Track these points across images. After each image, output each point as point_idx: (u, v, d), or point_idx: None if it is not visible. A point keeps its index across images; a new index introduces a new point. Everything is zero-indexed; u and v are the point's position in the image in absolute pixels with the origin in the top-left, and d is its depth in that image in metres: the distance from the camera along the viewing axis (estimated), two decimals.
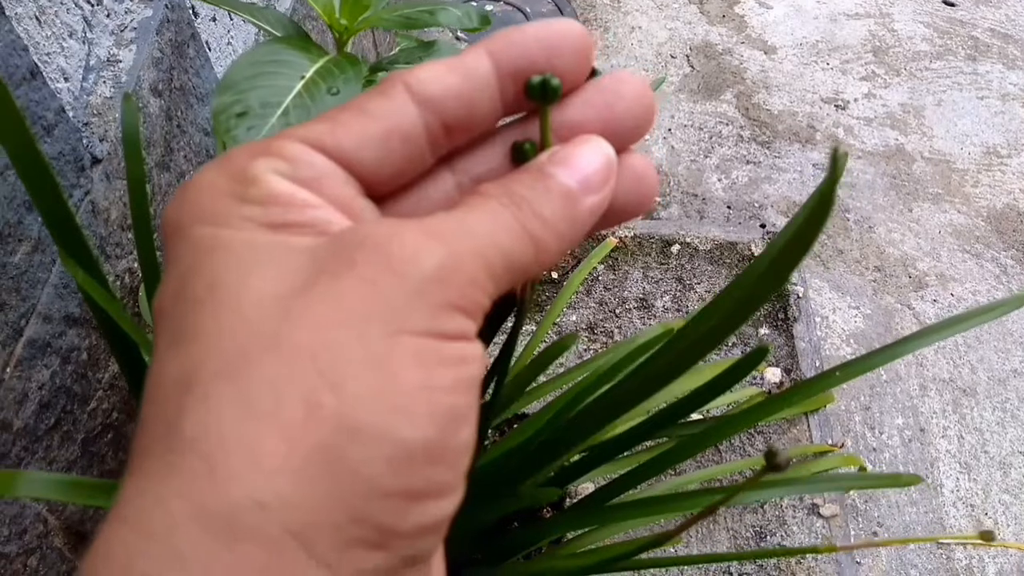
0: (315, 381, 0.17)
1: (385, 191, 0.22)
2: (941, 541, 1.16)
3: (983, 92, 2.07)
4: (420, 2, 0.57)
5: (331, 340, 0.17)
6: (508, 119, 0.25)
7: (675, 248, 1.08)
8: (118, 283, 0.73)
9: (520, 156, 0.23)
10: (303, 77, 0.52)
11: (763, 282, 0.32)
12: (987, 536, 0.43)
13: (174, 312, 0.19)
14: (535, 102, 0.23)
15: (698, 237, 1.09)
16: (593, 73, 0.24)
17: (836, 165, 0.22)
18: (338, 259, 0.19)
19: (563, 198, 0.22)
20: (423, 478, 0.18)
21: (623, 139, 0.24)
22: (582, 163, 0.22)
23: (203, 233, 0.19)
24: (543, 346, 0.97)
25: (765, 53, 2.14)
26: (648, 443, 0.74)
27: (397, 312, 0.18)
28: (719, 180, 1.79)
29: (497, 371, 0.50)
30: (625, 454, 0.69)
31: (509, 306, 0.33)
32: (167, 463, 0.17)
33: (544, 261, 0.21)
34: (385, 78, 0.23)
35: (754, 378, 0.93)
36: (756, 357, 0.46)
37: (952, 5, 2.37)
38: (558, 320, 0.96)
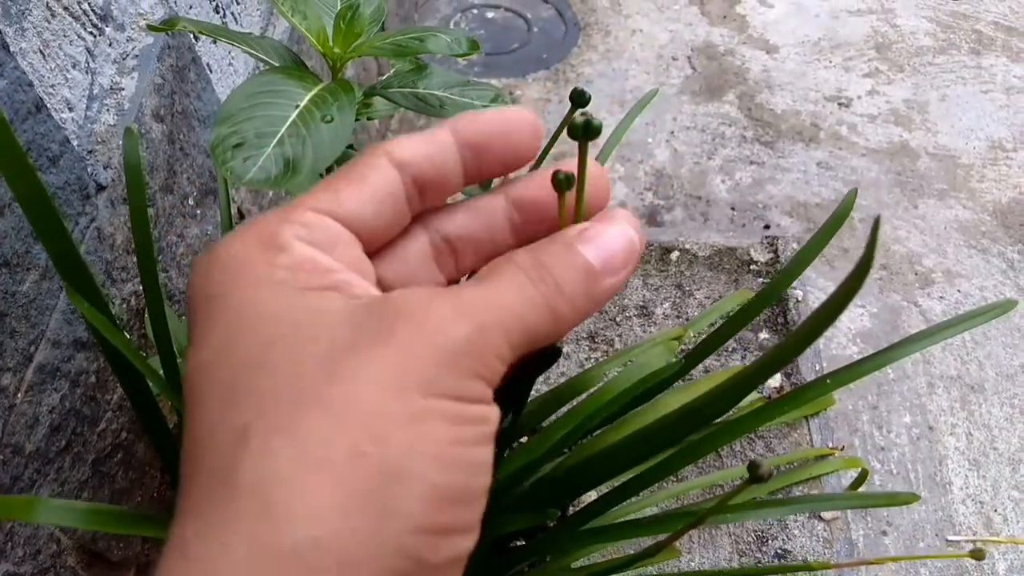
0: (361, 434, 0.19)
1: (377, 247, 0.26)
2: (947, 544, 1.17)
3: (987, 86, 2.06)
4: (411, 29, 0.58)
5: (375, 399, 0.20)
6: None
7: (674, 255, 1.09)
8: (124, 306, 0.74)
9: (557, 185, 0.25)
10: (298, 106, 0.53)
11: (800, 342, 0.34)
12: (978, 555, 0.43)
13: (222, 371, 0.21)
14: (578, 139, 0.26)
15: (697, 243, 1.09)
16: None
17: (875, 232, 0.23)
18: (380, 326, 0.21)
19: (585, 275, 0.24)
20: (452, 516, 0.20)
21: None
22: (607, 243, 0.25)
23: (244, 297, 0.22)
24: None
25: (767, 52, 2.14)
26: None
27: (431, 378, 0.20)
28: (723, 182, 1.80)
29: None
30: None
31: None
32: (229, 509, 0.19)
33: (560, 332, 0.24)
34: (368, 149, 0.26)
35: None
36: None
37: None
38: None
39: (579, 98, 0.57)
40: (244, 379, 0.20)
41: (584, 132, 0.25)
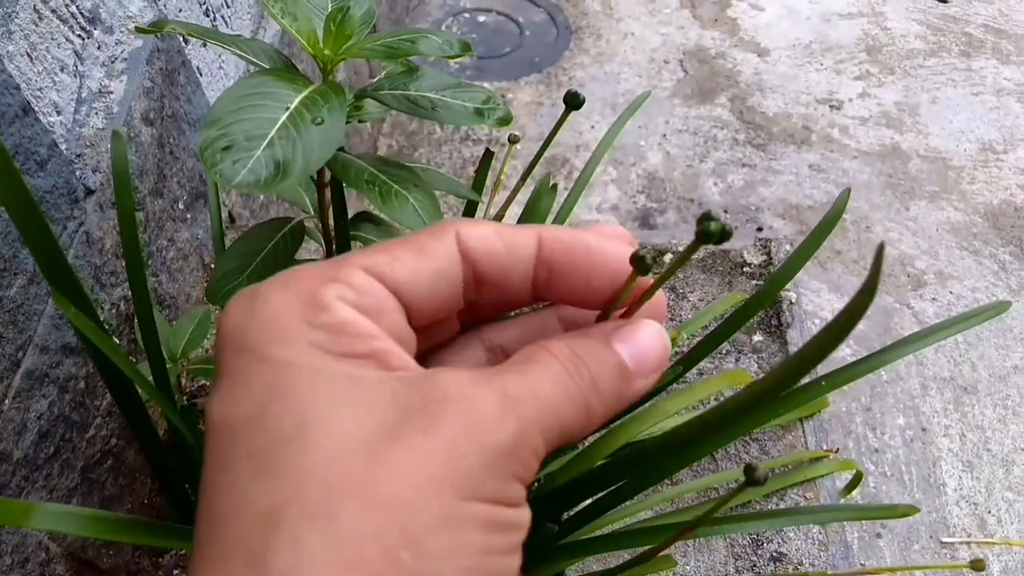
0: (396, 537, 0.18)
1: (424, 323, 0.24)
2: (942, 546, 1.17)
3: (978, 88, 2.07)
4: (402, 31, 0.58)
5: (413, 497, 0.19)
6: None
7: (668, 258, 1.08)
8: (114, 311, 0.74)
9: (638, 264, 0.23)
10: (288, 108, 0.53)
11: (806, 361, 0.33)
12: (978, 566, 0.43)
13: (255, 440, 0.20)
14: (710, 242, 0.23)
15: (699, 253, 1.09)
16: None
17: (878, 258, 0.22)
18: (423, 412, 0.20)
19: (619, 374, 0.23)
20: None
21: None
22: (642, 344, 0.24)
23: (277, 356, 0.21)
24: None
25: (758, 55, 2.15)
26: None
27: (472, 479, 0.20)
28: (715, 184, 1.80)
29: None
30: None
31: None
32: None
33: (588, 431, 0.23)
34: (440, 223, 0.24)
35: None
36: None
37: (945, 2, 2.38)
38: None
39: (573, 100, 0.57)
40: (278, 453, 0.19)
41: (719, 239, 0.23)
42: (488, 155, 0.68)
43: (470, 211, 0.68)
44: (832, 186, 1.79)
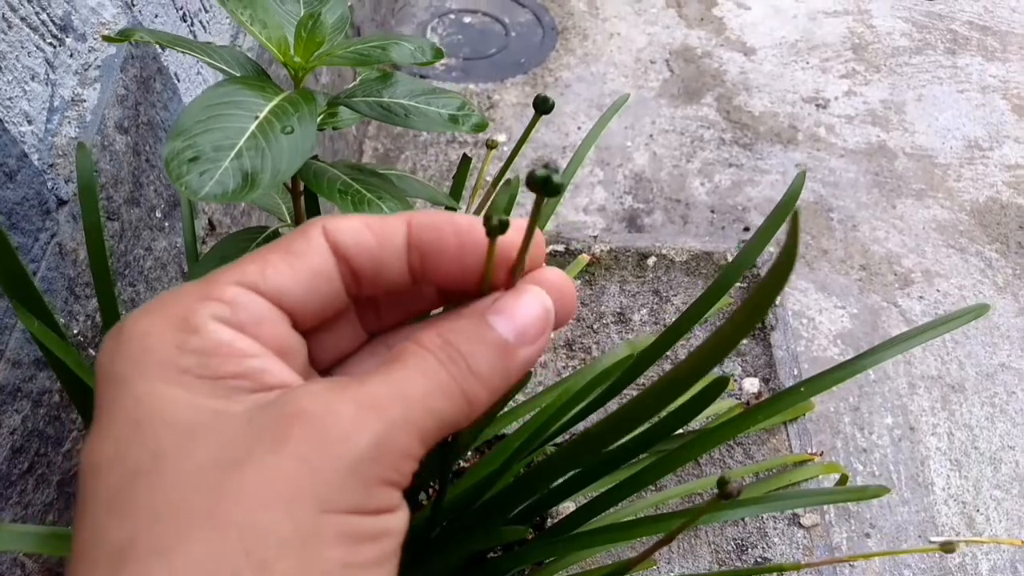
0: (242, 561, 0.18)
1: (311, 326, 0.24)
2: (931, 545, 1.16)
3: (963, 85, 2.08)
4: (374, 37, 0.57)
5: (260, 519, 0.18)
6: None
7: (651, 260, 1.08)
8: (89, 322, 0.73)
9: (490, 231, 0.22)
10: (257, 117, 0.52)
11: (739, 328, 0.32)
12: (949, 548, 0.43)
13: (111, 476, 0.19)
14: (536, 192, 0.22)
15: (674, 248, 1.09)
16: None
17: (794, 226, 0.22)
18: (275, 430, 0.19)
19: (499, 351, 0.23)
20: None
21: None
22: (520, 313, 0.23)
23: (143, 389, 0.20)
24: None
25: (744, 55, 2.15)
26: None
27: (327, 491, 0.19)
28: (702, 184, 1.79)
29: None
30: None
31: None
32: None
33: (475, 414, 0.22)
34: (308, 222, 0.24)
35: (731, 390, 0.93)
36: (716, 388, 0.46)
37: None
38: None
39: (542, 105, 0.56)
40: (132, 488, 0.19)
41: (543, 186, 0.21)
42: (465, 160, 0.68)
43: None
44: (819, 185, 1.79)
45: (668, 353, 0.97)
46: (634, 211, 1.72)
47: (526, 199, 1.70)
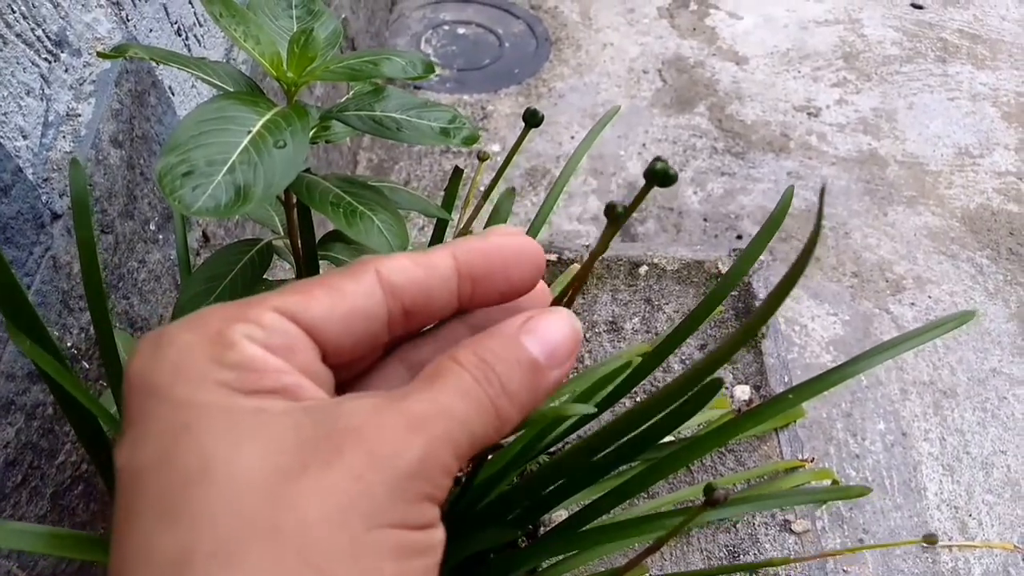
0: (303, 572, 0.18)
1: (342, 361, 0.24)
2: (924, 551, 1.17)
3: (953, 93, 2.09)
4: (366, 52, 0.58)
5: (318, 532, 0.19)
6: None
7: (643, 269, 1.09)
8: (83, 335, 0.73)
9: (615, 217, 0.26)
10: (250, 132, 0.53)
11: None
12: (931, 539, 0.44)
13: (158, 482, 0.20)
14: (653, 184, 0.26)
15: (665, 257, 1.10)
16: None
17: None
18: (327, 444, 0.20)
19: (531, 371, 0.23)
20: None
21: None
22: (551, 335, 0.24)
23: (182, 396, 0.20)
24: None
25: (736, 64, 2.16)
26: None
27: (378, 507, 0.20)
28: (695, 193, 1.80)
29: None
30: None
31: None
32: None
33: (504, 433, 0.23)
34: (358, 261, 0.24)
35: (723, 396, 0.94)
36: (708, 393, 0.47)
37: (920, 8, 2.40)
38: None
39: (531, 118, 0.57)
40: (183, 495, 0.19)
41: (661, 179, 0.25)
42: (457, 173, 0.69)
43: (440, 229, 0.68)
44: (811, 193, 1.80)
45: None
46: (628, 220, 1.72)
47: (518, 208, 1.69)
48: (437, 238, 0.76)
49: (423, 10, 2.34)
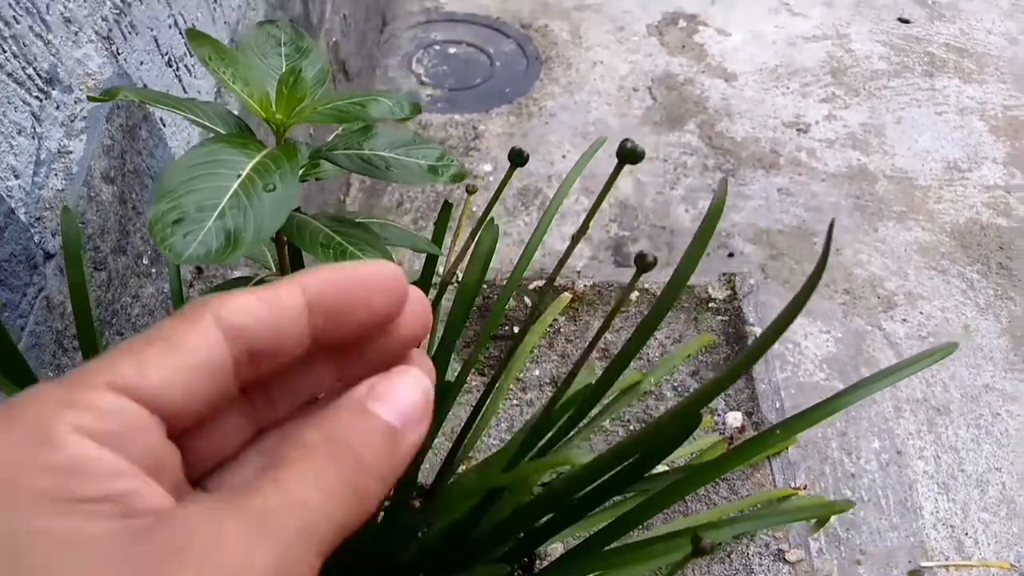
0: None
1: (187, 425, 0.22)
2: (921, 570, 1.17)
3: (941, 107, 2.11)
4: (354, 93, 0.58)
5: None
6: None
7: (634, 295, 1.09)
8: None
9: (644, 266, 0.24)
10: (239, 175, 0.53)
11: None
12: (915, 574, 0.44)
13: None
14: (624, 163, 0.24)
15: (656, 283, 1.10)
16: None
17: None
18: (160, 566, 0.17)
19: (386, 439, 0.22)
20: None
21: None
22: (402, 398, 0.22)
23: None
24: (506, 403, 0.97)
25: (726, 81, 2.18)
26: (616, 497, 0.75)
27: None
28: (686, 211, 1.81)
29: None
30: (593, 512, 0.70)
31: None
32: None
33: (369, 510, 0.21)
34: (192, 305, 0.22)
35: (715, 424, 0.94)
36: (686, 431, 0.47)
37: (907, 22, 2.42)
38: (521, 376, 0.97)
39: (517, 158, 0.58)
40: None
41: (631, 158, 0.24)
42: (446, 207, 0.69)
43: (430, 263, 0.69)
44: (801, 209, 1.81)
45: (653, 389, 0.98)
46: (620, 239, 1.73)
47: (511, 228, 1.69)
48: (428, 269, 0.76)
49: (414, 30, 2.35)
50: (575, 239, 0.58)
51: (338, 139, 0.62)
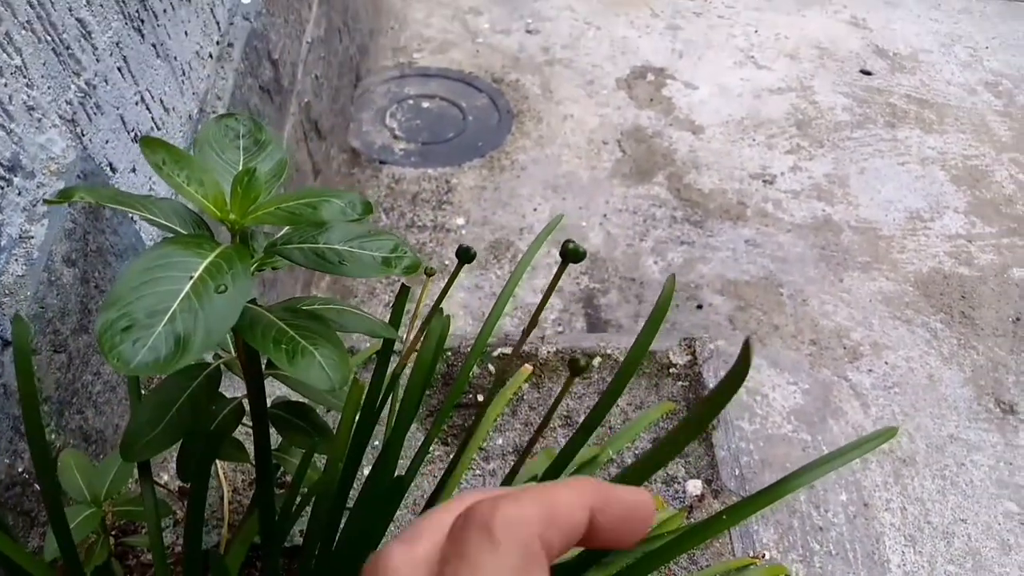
0: None
1: None
2: None
3: (903, 158, 2.16)
4: (308, 193, 0.60)
5: None
6: None
7: (596, 361, 1.11)
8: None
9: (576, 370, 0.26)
10: (191, 278, 0.54)
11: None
12: None
13: None
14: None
15: (618, 348, 1.12)
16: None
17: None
18: None
19: None
20: None
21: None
22: None
23: None
24: (469, 474, 0.98)
25: (693, 133, 2.22)
26: None
27: None
28: (655, 263, 1.84)
29: None
30: None
31: None
32: None
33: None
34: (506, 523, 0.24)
35: (676, 492, 0.95)
36: None
37: (869, 74, 2.49)
38: (484, 444, 0.98)
39: (464, 255, 0.60)
40: None
41: (574, 258, 0.26)
42: (403, 291, 0.70)
43: (387, 348, 0.70)
44: (768, 260, 1.85)
45: (615, 457, 0.99)
46: (590, 291, 1.76)
47: (483, 282, 1.68)
48: (385, 348, 0.77)
49: (387, 84, 2.39)
50: (526, 332, 0.60)
51: (293, 233, 0.64)
